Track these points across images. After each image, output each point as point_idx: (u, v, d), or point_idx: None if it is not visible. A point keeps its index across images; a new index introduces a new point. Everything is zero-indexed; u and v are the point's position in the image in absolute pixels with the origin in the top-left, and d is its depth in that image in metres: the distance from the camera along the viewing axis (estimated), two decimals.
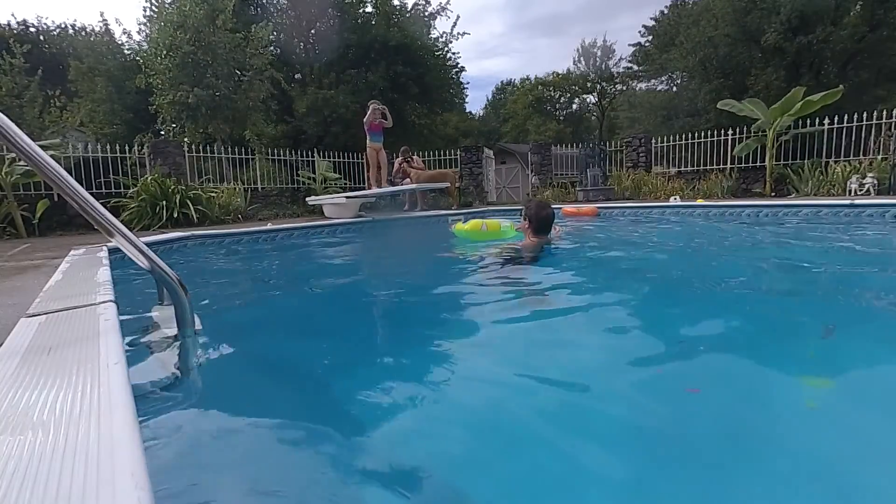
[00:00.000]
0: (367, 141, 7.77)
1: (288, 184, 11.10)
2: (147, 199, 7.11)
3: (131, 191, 7.47)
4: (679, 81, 21.02)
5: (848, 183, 7.73)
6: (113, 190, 8.16)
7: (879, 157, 8.08)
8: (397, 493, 0.83)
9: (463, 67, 17.43)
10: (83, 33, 20.34)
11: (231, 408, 1.18)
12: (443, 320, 2.03)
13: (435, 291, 2.64)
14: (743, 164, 10.12)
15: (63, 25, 22.02)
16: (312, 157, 10.93)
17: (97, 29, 17.75)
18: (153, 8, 9.77)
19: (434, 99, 16.73)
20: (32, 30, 21.12)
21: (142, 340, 1.51)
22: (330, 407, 1.19)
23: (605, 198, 9.94)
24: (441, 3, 15.67)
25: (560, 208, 6.66)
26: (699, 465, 0.88)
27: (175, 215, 6.98)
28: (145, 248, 1.25)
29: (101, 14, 24.86)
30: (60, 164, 1.54)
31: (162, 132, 11.31)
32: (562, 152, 13.05)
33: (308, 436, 1.04)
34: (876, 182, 7.43)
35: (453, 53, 16.74)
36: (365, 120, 7.64)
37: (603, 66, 33.18)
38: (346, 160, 11.71)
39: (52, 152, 6.72)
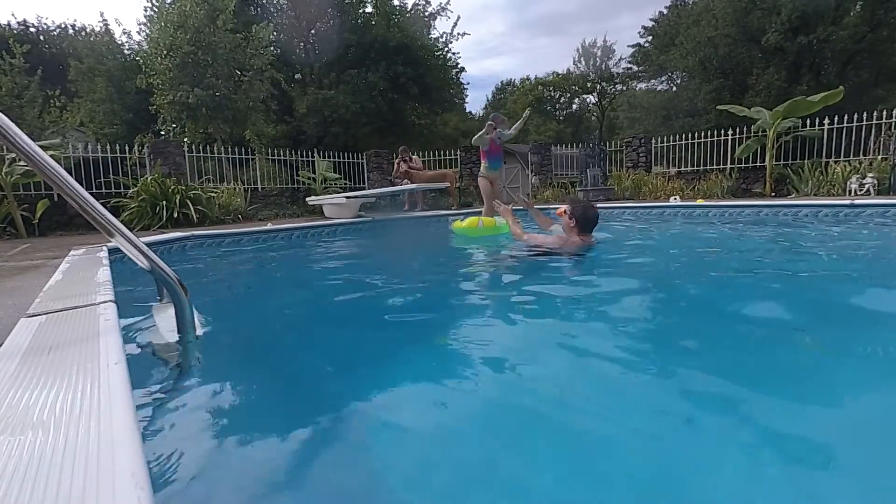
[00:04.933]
0: (483, 168, 5.30)
1: (288, 184, 11.10)
2: (147, 199, 7.11)
3: (131, 191, 7.46)
4: (679, 81, 21.02)
5: (848, 183, 7.73)
6: (113, 190, 8.16)
7: (879, 157, 8.07)
8: (398, 493, 0.83)
9: (463, 68, 17.46)
10: (83, 33, 20.38)
11: (232, 407, 1.18)
12: (451, 317, 2.02)
13: (442, 289, 2.63)
14: (743, 164, 10.12)
15: (63, 25, 22.08)
16: (312, 157, 10.92)
17: (97, 29, 17.78)
18: (153, 8, 9.77)
19: (434, 99, 16.74)
20: (32, 30, 21.16)
21: (142, 341, 1.51)
22: (331, 408, 1.19)
23: (605, 198, 9.93)
24: (441, 3, 15.70)
25: (557, 209, 6.65)
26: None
27: (175, 215, 6.98)
28: (145, 248, 1.25)
29: (101, 14, 24.92)
30: (60, 164, 1.54)
31: (162, 132, 11.30)
32: (562, 152, 13.04)
33: (309, 437, 1.03)
34: (876, 182, 7.43)
35: (453, 53, 16.77)
36: (484, 137, 5.10)
37: (603, 66, 33.22)
38: (346, 160, 11.71)
39: (52, 152, 6.71)
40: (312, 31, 15.39)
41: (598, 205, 7.07)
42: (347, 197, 6.92)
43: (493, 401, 1.18)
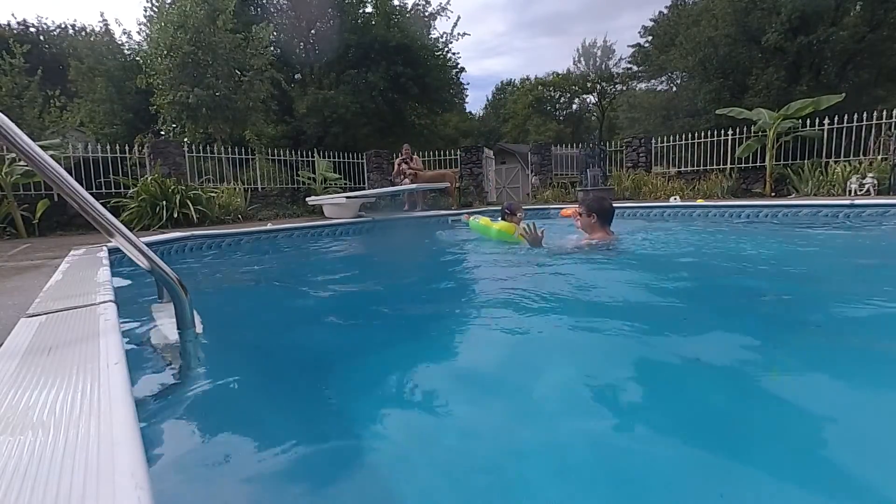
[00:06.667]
0: None
1: (288, 184, 11.10)
2: (147, 199, 7.11)
3: (131, 191, 7.46)
4: (679, 81, 20.99)
5: (848, 183, 7.73)
6: (113, 190, 8.15)
7: (879, 157, 8.07)
8: (398, 493, 0.83)
9: (463, 68, 17.48)
10: (83, 33, 20.40)
11: (231, 408, 1.18)
12: (454, 317, 2.02)
13: (445, 289, 2.63)
14: (743, 165, 10.12)
15: (63, 25, 22.11)
16: (312, 157, 10.92)
17: (97, 29, 17.80)
18: (153, 8, 9.77)
19: (434, 99, 16.74)
20: (32, 30, 21.19)
21: (142, 341, 1.51)
22: (332, 407, 1.19)
23: None
24: (441, 3, 15.71)
25: (560, 209, 6.66)
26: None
27: (175, 215, 6.98)
28: (145, 248, 1.25)
29: (101, 14, 24.99)
30: (60, 164, 1.54)
31: (162, 132, 11.31)
32: (562, 152, 13.04)
33: (309, 437, 1.03)
34: (876, 182, 7.42)
35: (453, 54, 16.79)
36: None
37: (603, 66, 33.25)
38: (346, 160, 11.71)
39: (52, 152, 6.71)
40: (312, 31, 15.38)
41: None
42: (347, 197, 6.92)
43: (500, 402, 1.18)
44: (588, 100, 35.85)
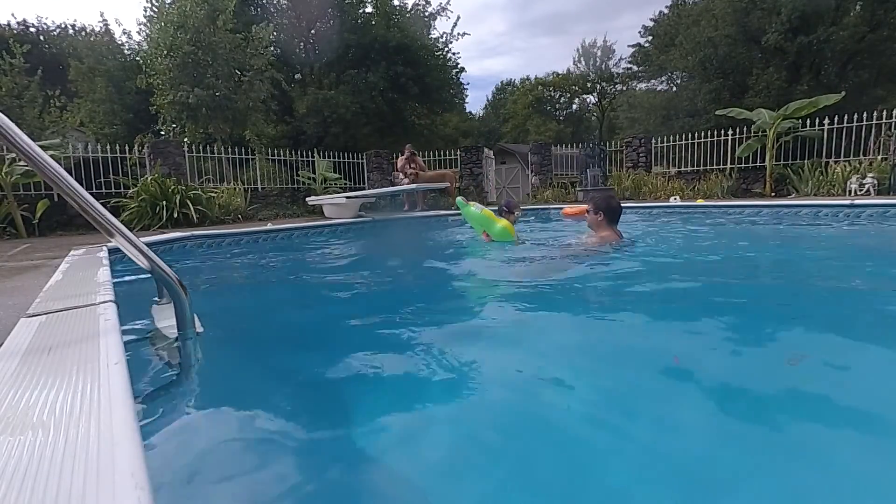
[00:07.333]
0: None
1: (288, 184, 11.09)
2: (147, 200, 7.11)
3: (131, 191, 7.46)
4: (679, 81, 21.00)
5: (848, 183, 7.73)
6: (113, 190, 8.15)
7: (879, 158, 8.07)
8: (399, 492, 0.83)
9: (463, 68, 17.47)
10: (83, 33, 20.42)
11: (231, 408, 1.18)
12: (454, 317, 2.02)
13: (445, 289, 2.63)
14: (743, 165, 10.12)
15: (63, 25, 22.14)
16: (312, 157, 10.92)
17: (97, 29, 17.81)
18: (153, 8, 9.77)
19: (434, 99, 16.74)
20: (32, 30, 21.22)
21: (142, 341, 1.50)
22: (331, 409, 1.19)
23: None
24: (441, 3, 15.70)
25: (561, 209, 6.66)
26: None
27: (175, 215, 6.98)
28: (145, 248, 1.25)
29: (101, 14, 24.98)
30: (60, 164, 1.54)
31: (162, 132, 11.30)
32: (562, 152, 13.04)
33: (308, 437, 1.03)
34: (876, 182, 7.43)
35: (453, 54, 16.78)
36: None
37: (603, 66, 33.27)
38: (346, 160, 11.71)
39: (52, 152, 6.70)
40: (312, 31, 15.38)
41: None
42: (347, 197, 6.93)
43: (503, 403, 1.18)
44: (588, 100, 35.91)
